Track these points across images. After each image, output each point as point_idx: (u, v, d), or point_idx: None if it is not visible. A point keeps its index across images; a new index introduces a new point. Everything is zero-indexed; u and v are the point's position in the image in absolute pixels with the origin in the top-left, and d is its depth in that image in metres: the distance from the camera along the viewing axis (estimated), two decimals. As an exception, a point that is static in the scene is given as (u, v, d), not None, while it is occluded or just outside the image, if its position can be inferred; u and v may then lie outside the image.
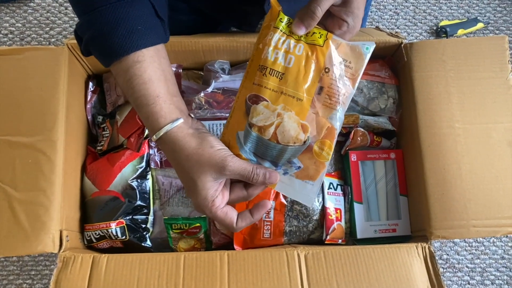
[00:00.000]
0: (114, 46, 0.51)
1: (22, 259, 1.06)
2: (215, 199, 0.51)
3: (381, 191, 0.75)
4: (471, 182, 0.66)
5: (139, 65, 0.51)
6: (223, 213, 0.52)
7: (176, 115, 0.52)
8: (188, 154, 0.50)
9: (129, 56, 0.51)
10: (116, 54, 0.51)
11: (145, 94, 0.51)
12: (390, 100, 0.76)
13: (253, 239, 0.70)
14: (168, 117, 0.51)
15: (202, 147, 0.50)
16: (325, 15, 0.51)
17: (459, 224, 0.65)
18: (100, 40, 0.52)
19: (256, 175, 0.51)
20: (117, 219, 0.69)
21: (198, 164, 0.50)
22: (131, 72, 0.51)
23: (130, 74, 0.51)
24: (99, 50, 0.54)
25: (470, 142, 0.68)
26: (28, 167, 0.63)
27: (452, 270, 1.08)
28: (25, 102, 0.66)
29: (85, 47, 0.55)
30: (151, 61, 0.52)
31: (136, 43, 0.51)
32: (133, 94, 0.52)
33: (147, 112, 0.51)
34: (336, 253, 0.62)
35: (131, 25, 0.51)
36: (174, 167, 0.53)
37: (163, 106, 0.51)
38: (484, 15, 1.27)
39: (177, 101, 0.53)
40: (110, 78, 0.81)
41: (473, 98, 0.69)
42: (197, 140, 0.51)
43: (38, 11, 1.24)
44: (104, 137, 0.77)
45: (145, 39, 0.52)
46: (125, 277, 0.60)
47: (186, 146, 0.50)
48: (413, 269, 0.61)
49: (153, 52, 0.53)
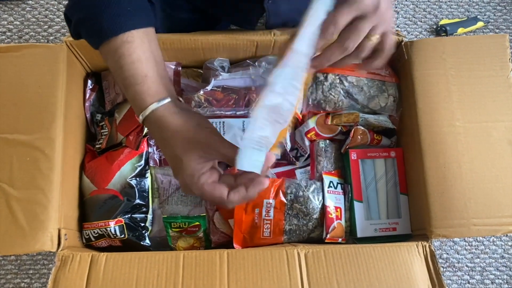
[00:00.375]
0: (103, 28, 0.51)
1: (20, 258, 1.05)
2: (201, 176, 0.49)
3: (381, 189, 0.75)
4: (472, 180, 0.66)
5: (128, 45, 0.51)
6: (211, 187, 0.50)
7: (164, 94, 0.51)
8: (174, 131, 0.50)
9: (118, 37, 0.51)
10: (105, 35, 0.51)
11: (133, 74, 0.51)
12: (390, 98, 0.76)
13: (253, 238, 0.70)
14: (155, 96, 0.51)
15: (188, 125, 0.50)
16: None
17: (460, 223, 0.65)
18: (90, 22, 0.52)
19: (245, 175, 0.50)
20: (116, 217, 0.69)
21: (184, 141, 0.49)
22: (119, 52, 0.51)
23: (119, 54, 0.51)
24: (88, 32, 0.54)
25: (470, 140, 0.67)
26: (26, 165, 0.63)
27: (452, 269, 1.08)
28: (23, 100, 0.66)
29: (75, 29, 0.56)
30: (141, 42, 0.52)
31: (126, 24, 0.51)
32: (122, 74, 0.51)
33: (135, 91, 0.51)
34: (336, 251, 0.62)
35: (120, 7, 0.51)
36: (160, 146, 0.52)
37: (151, 85, 0.51)
38: (484, 13, 1.27)
39: (165, 83, 0.53)
40: (109, 76, 0.80)
41: (473, 97, 0.69)
42: (184, 117, 0.50)
43: (36, 9, 1.23)
44: (103, 135, 0.77)
45: (134, 20, 0.52)
46: (124, 276, 0.59)
47: (173, 124, 0.50)
48: (414, 268, 0.61)
49: (143, 34, 0.52)
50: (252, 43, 0.74)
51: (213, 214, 0.72)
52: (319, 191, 0.72)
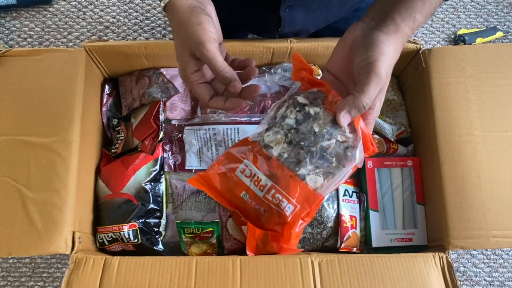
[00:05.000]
0: None
1: (35, 261, 1.06)
2: (192, 74, 0.53)
3: (398, 199, 0.73)
4: (491, 191, 0.64)
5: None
6: (198, 88, 0.54)
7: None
8: (179, 25, 0.52)
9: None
10: None
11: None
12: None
13: (266, 245, 0.69)
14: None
15: (190, 21, 0.51)
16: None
17: (478, 234, 0.63)
18: None
19: (224, 71, 0.51)
20: (129, 222, 0.69)
21: (182, 36, 0.52)
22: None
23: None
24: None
25: (489, 150, 0.66)
26: (43, 167, 0.64)
27: (469, 283, 1.05)
28: (41, 103, 0.67)
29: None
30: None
31: None
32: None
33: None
34: (351, 261, 0.61)
35: None
36: (172, 35, 0.55)
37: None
38: (503, 24, 1.25)
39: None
40: (126, 81, 0.81)
41: (493, 106, 0.68)
42: (190, 13, 0.52)
43: (57, 16, 1.25)
44: (119, 140, 0.78)
45: None
46: (137, 280, 0.59)
47: (180, 17, 0.52)
48: (430, 279, 0.60)
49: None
50: (268, 50, 0.74)
51: (227, 221, 0.71)
52: (334, 200, 0.71)
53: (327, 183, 0.56)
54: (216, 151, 0.73)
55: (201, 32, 0.50)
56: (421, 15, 0.51)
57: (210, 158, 0.74)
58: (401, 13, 0.51)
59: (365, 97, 0.48)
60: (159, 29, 1.28)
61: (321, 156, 0.54)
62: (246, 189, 0.61)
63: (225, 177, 0.63)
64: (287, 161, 0.56)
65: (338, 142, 0.54)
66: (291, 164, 0.56)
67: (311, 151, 0.54)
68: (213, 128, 0.73)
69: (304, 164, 0.55)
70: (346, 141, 0.54)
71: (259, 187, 0.59)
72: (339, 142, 0.54)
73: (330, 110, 0.54)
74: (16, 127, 0.66)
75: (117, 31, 1.26)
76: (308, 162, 0.55)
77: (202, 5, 0.53)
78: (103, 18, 1.27)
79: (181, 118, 0.76)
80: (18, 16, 1.25)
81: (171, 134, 0.76)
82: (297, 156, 0.55)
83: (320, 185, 0.56)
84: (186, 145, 0.75)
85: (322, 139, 0.54)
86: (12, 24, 1.24)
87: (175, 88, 0.77)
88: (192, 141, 0.74)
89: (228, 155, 0.63)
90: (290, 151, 0.56)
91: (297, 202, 0.57)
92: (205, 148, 0.74)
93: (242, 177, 0.61)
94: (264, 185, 0.59)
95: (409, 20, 0.51)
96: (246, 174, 0.60)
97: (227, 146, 0.73)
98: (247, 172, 0.60)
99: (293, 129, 0.55)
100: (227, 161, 0.63)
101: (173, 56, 0.74)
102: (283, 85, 0.77)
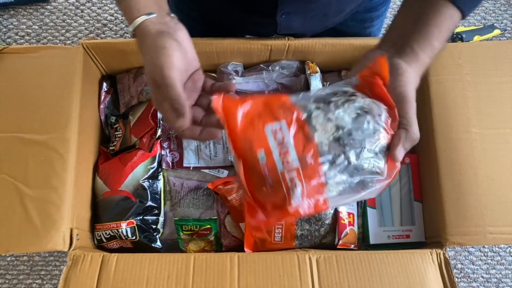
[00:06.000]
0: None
1: (32, 258, 1.06)
2: (164, 103, 0.50)
3: (395, 196, 0.74)
4: (488, 188, 0.65)
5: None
6: (169, 114, 0.50)
7: (152, 9, 0.51)
8: (145, 50, 0.50)
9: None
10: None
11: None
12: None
13: (264, 243, 0.69)
14: (142, 11, 0.51)
15: (155, 45, 0.49)
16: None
17: (475, 230, 0.63)
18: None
19: (176, 102, 0.48)
20: (127, 219, 0.69)
21: (147, 61, 0.49)
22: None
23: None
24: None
25: (487, 147, 0.66)
26: (41, 164, 0.64)
27: (466, 279, 1.06)
28: (39, 100, 0.67)
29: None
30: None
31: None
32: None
33: (126, 5, 0.52)
34: (349, 257, 0.61)
35: None
36: (142, 57, 0.52)
37: (140, 0, 0.51)
38: (501, 21, 1.25)
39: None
40: (123, 78, 0.81)
41: (490, 103, 0.68)
42: (156, 37, 0.50)
43: (55, 14, 1.25)
44: (117, 137, 0.78)
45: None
46: (135, 277, 0.59)
47: (147, 42, 0.50)
48: (427, 276, 0.60)
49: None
50: (266, 48, 0.74)
51: (224, 218, 0.72)
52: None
53: (338, 198, 0.51)
54: (214, 148, 0.74)
55: (162, 56, 0.48)
56: (438, 42, 0.51)
57: (208, 156, 0.74)
58: (419, 42, 0.51)
59: (415, 128, 0.48)
60: (157, 27, 1.27)
61: (352, 173, 0.49)
62: (267, 151, 0.50)
63: (252, 122, 0.51)
64: (324, 156, 0.49)
65: (374, 171, 0.50)
66: (326, 162, 0.49)
67: (350, 162, 0.49)
68: (211, 126, 0.73)
69: (335, 169, 0.49)
70: (379, 173, 0.50)
71: (283, 160, 0.50)
72: (375, 171, 0.50)
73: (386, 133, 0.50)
74: (14, 124, 0.66)
75: (115, 29, 1.26)
76: (339, 170, 0.49)
77: (172, 30, 0.51)
78: (101, 16, 1.27)
79: (179, 116, 0.76)
80: (16, 14, 1.25)
81: (169, 132, 0.76)
82: (336, 158, 0.49)
83: (332, 196, 0.51)
84: (184, 143, 0.75)
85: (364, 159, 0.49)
86: (9, 22, 1.24)
87: (173, 85, 0.77)
88: (190, 138, 0.74)
89: (267, 102, 0.52)
90: (332, 148, 0.49)
91: (307, 200, 0.50)
92: (203, 145, 0.74)
93: (269, 137, 0.50)
94: (290, 162, 0.49)
95: (428, 49, 0.51)
96: (278, 138, 0.50)
97: (225, 143, 0.73)
98: (279, 136, 0.50)
99: (347, 129, 0.49)
100: (263, 107, 0.52)
101: (171, 53, 0.74)
102: (281, 83, 0.77)
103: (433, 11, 0.51)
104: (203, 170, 0.75)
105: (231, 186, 0.70)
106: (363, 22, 0.82)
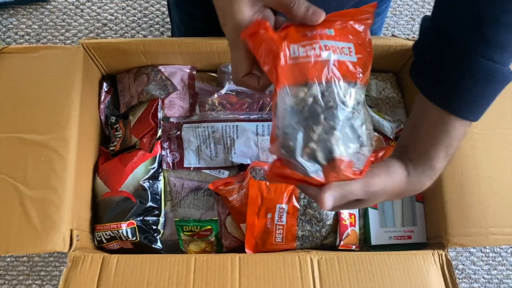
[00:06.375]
0: None
1: (32, 259, 1.06)
2: (244, 78, 0.46)
3: (397, 196, 0.73)
4: (490, 188, 0.64)
5: None
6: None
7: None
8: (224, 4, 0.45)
9: None
10: None
11: None
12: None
13: (265, 243, 0.69)
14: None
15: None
16: None
17: (477, 231, 0.63)
18: None
19: (298, 4, 0.42)
20: (128, 220, 0.69)
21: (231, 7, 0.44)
22: None
23: None
24: None
25: (488, 148, 0.66)
26: (41, 165, 0.63)
27: (468, 280, 1.06)
28: (39, 100, 0.66)
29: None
30: None
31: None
32: None
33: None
34: (350, 258, 0.61)
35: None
36: (223, 27, 0.47)
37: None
38: (502, 21, 1.25)
39: None
40: (124, 78, 0.81)
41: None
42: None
43: (55, 13, 1.25)
44: (117, 137, 0.77)
45: None
46: (135, 278, 0.59)
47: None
48: (429, 277, 0.60)
49: None
50: (267, 47, 0.73)
51: (225, 218, 0.71)
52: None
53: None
54: (215, 148, 0.73)
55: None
56: (440, 163, 0.45)
57: (208, 156, 0.74)
58: (417, 161, 0.45)
59: (353, 187, 0.41)
60: (157, 27, 1.27)
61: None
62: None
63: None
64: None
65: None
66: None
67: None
68: (212, 126, 0.73)
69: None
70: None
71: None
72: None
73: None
74: (14, 124, 0.65)
75: (115, 29, 1.26)
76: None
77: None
78: (100, 15, 1.27)
79: (179, 116, 0.76)
80: (15, 13, 1.24)
81: (170, 132, 0.75)
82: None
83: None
84: (185, 143, 0.74)
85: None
86: (9, 21, 1.24)
87: (174, 85, 0.77)
88: (190, 138, 0.74)
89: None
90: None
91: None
92: (203, 145, 0.74)
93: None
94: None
95: (431, 171, 0.45)
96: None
97: (225, 143, 0.73)
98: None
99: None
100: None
101: (171, 53, 0.74)
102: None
103: (427, 124, 0.45)
104: (203, 171, 0.74)
105: (232, 186, 0.70)
106: None
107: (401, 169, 0.45)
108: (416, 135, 0.46)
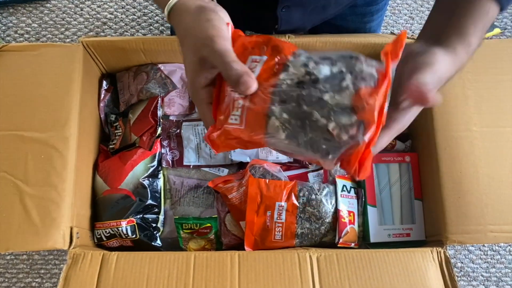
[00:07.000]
0: None
1: (32, 257, 1.06)
2: (202, 90, 0.45)
3: (396, 194, 0.74)
4: (489, 186, 0.65)
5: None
6: (209, 109, 0.46)
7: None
8: (185, 29, 0.46)
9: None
10: None
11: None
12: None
13: (264, 241, 0.69)
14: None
15: (198, 20, 0.45)
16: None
17: (476, 229, 0.63)
18: None
19: (233, 69, 0.41)
20: (127, 217, 0.69)
21: (189, 38, 0.45)
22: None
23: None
24: None
25: (487, 145, 0.66)
26: (40, 162, 0.63)
27: (466, 278, 1.06)
28: (39, 98, 0.67)
29: None
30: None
31: None
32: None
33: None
34: (349, 256, 0.61)
35: None
36: (180, 45, 0.48)
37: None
38: (501, 20, 1.25)
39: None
40: (123, 77, 0.81)
41: (490, 101, 0.68)
42: (199, 13, 0.45)
43: (54, 12, 1.25)
44: (117, 135, 0.77)
45: None
46: (135, 275, 0.59)
47: (187, 19, 0.46)
48: (428, 274, 0.60)
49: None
50: (266, 45, 0.73)
51: (225, 216, 0.71)
52: (332, 195, 0.71)
53: (278, 141, 0.44)
54: (214, 146, 0.73)
55: (210, 28, 0.43)
56: (475, 38, 0.48)
57: (208, 154, 0.74)
58: (455, 38, 0.48)
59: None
60: (157, 25, 1.27)
61: (303, 121, 0.42)
62: None
63: (244, 52, 0.47)
64: (277, 88, 0.44)
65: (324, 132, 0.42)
66: (276, 96, 0.43)
67: (300, 105, 0.42)
68: (211, 124, 0.73)
69: (283, 106, 0.43)
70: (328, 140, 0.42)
71: None
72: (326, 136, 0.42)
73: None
74: (14, 122, 0.66)
75: (115, 27, 1.26)
76: (287, 110, 0.43)
77: (212, 5, 0.47)
78: (100, 14, 1.27)
79: (179, 114, 0.76)
80: (15, 12, 1.24)
81: (169, 130, 0.75)
82: (288, 97, 0.43)
83: (273, 135, 0.44)
84: (184, 141, 0.74)
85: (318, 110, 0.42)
86: (9, 20, 1.24)
87: (173, 83, 0.77)
88: (190, 136, 0.74)
89: (269, 41, 0.47)
90: (290, 87, 0.43)
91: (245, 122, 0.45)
92: (203, 143, 0.74)
93: (247, 63, 0.46)
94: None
95: (465, 45, 0.48)
96: (251, 66, 0.45)
97: (225, 141, 0.73)
98: (252, 66, 0.45)
99: (314, 77, 0.42)
100: (262, 43, 0.47)
101: (171, 51, 0.74)
102: (281, 81, 0.77)
103: (469, 5, 0.49)
104: (203, 169, 0.75)
105: (232, 184, 0.70)
106: (363, 16, 0.82)
107: (442, 52, 0.47)
108: (456, 19, 0.49)
